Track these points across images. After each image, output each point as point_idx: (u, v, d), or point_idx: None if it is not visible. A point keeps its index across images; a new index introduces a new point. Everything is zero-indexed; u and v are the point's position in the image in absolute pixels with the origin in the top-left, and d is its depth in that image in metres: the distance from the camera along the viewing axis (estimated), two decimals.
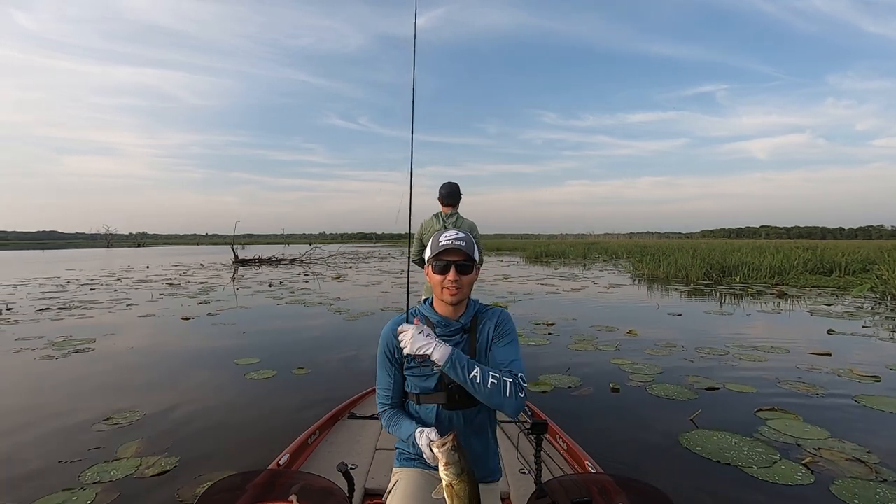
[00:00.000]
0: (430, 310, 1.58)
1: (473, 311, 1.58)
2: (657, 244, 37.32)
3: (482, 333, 1.54)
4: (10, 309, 9.11)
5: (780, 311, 8.85)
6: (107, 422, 3.46)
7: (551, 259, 28.84)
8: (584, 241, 55.37)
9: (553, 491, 1.38)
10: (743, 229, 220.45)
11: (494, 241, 63.15)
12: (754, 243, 35.33)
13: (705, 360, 5.16)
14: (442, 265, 1.48)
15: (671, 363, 5.05)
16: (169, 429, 3.35)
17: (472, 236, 1.75)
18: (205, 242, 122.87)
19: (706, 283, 14.09)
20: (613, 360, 5.19)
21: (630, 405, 3.85)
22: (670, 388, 4.19)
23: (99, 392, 4.18)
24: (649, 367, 4.89)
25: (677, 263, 16.59)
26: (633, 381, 4.42)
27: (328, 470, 1.93)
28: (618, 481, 1.40)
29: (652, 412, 3.69)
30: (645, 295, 11.54)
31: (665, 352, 5.54)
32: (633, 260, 21.33)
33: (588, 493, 1.37)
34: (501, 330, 1.54)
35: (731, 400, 3.95)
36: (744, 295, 11.21)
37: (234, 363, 5.11)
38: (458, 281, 1.48)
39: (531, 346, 5.90)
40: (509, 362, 1.47)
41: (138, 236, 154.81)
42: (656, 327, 7.17)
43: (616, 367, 4.94)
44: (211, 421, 3.52)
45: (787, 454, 2.96)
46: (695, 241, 51.42)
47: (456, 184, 3.71)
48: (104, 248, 72.69)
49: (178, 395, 4.08)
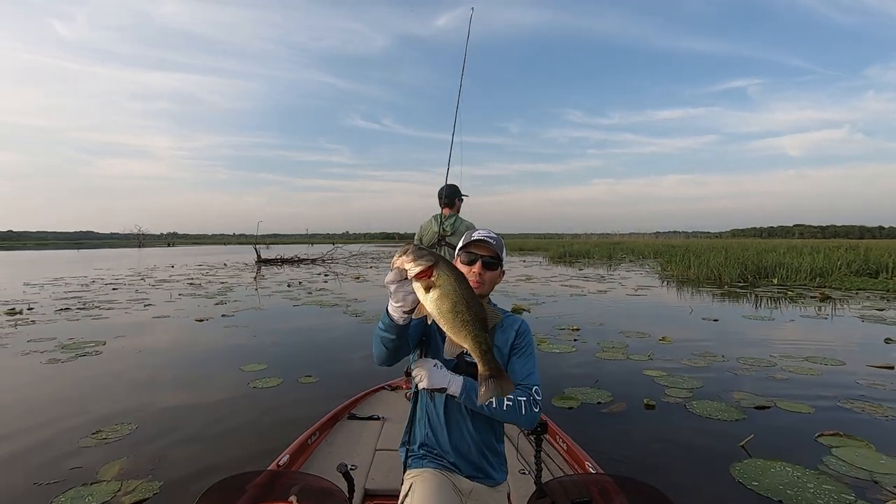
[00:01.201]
0: None
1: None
2: (685, 244, 36.14)
3: (500, 339, 1.53)
4: (31, 309, 9.14)
5: (826, 316, 8.19)
6: (95, 435, 3.21)
7: (575, 259, 28.14)
8: (609, 240, 54.21)
9: (553, 491, 1.37)
10: (775, 228, 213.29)
11: (517, 241, 62.42)
12: (789, 243, 33.86)
13: (750, 373, 4.66)
14: (471, 257, 1.51)
15: (711, 376, 4.58)
16: (158, 446, 3.08)
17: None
18: (232, 242, 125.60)
19: (741, 284, 13.35)
20: (646, 370, 4.74)
21: (668, 426, 3.42)
22: (713, 407, 3.73)
23: (95, 400, 3.96)
24: (687, 379, 4.43)
25: (709, 264, 15.84)
26: (669, 397, 3.98)
27: (328, 470, 1.92)
28: (617, 482, 1.39)
29: (695, 435, 3.26)
30: (676, 297, 10.95)
31: (703, 362, 5.06)
32: (662, 260, 20.58)
33: (588, 493, 1.36)
34: (522, 342, 1.55)
35: (786, 422, 3.48)
36: (783, 298, 10.52)
37: (241, 369, 4.85)
38: (482, 276, 1.50)
39: (555, 353, 5.49)
40: (526, 375, 1.49)
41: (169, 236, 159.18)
42: (691, 333, 6.66)
43: (649, 379, 4.50)
44: (203, 437, 3.24)
45: (864, 494, 2.50)
46: (725, 240, 49.75)
47: (455, 186, 3.69)
48: (136, 247, 74.77)
49: (176, 406, 3.83)
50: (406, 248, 1.14)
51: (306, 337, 6.71)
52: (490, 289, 1.55)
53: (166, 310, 9.04)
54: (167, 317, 8.25)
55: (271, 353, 5.62)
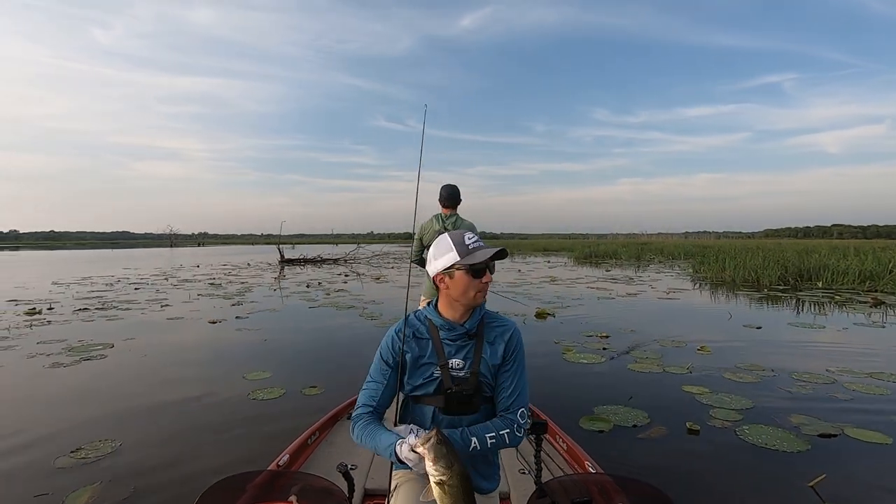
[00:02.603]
0: (435, 313, 1.56)
1: (479, 315, 1.55)
2: (718, 244, 34.81)
3: (490, 345, 1.53)
4: (50, 308, 9.15)
5: (882, 323, 7.46)
6: (74, 454, 2.93)
7: (601, 260, 27.32)
8: (637, 240, 52.76)
9: (553, 491, 1.36)
10: (812, 228, 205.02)
11: (541, 241, 61.49)
12: (830, 243, 32.23)
13: (807, 391, 4.12)
14: (481, 268, 1.46)
15: (762, 394, 4.05)
16: (137, 469, 2.77)
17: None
18: (259, 242, 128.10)
19: (781, 288, 12.52)
20: (686, 386, 4.25)
21: (718, 457, 2.94)
22: (769, 433, 3.23)
23: (83, 412, 3.70)
24: (734, 398, 3.92)
25: (746, 265, 14.99)
26: (715, 419, 3.49)
27: (328, 470, 1.91)
28: (618, 481, 1.38)
29: (751, 471, 2.77)
30: (711, 301, 10.27)
31: (751, 377, 4.52)
32: (694, 261, 19.68)
33: (588, 493, 1.36)
34: (514, 355, 1.53)
35: (861, 454, 2.96)
36: (830, 303, 9.73)
37: (244, 377, 4.56)
38: (489, 284, 1.49)
39: (582, 363, 5.03)
40: (515, 397, 1.49)
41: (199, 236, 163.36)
42: (733, 343, 6.08)
43: (690, 397, 4.01)
44: (187, 458, 2.91)
45: None
46: (758, 240, 47.84)
47: (455, 186, 3.80)
48: (168, 247, 76.75)
49: (165, 420, 3.53)
50: (430, 443, 1.17)
51: (317, 342, 6.41)
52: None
53: (182, 310, 8.91)
54: (181, 318, 8.09)
55: (279, 359, 5.33)
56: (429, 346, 1.55)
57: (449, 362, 1.51)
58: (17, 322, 7.66)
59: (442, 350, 1.53)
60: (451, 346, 1.52)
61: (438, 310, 1.57)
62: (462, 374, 1.50)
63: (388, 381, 1.55)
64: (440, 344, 1.54)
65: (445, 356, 1.52)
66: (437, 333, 1.54)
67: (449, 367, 1.50)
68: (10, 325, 7.33)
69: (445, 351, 1.53)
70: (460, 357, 1.52)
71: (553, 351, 5.60)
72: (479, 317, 1.55)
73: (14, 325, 7.34)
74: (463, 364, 1.51)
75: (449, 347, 1.52)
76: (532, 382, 1.61)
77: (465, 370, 1.50)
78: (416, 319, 1.61)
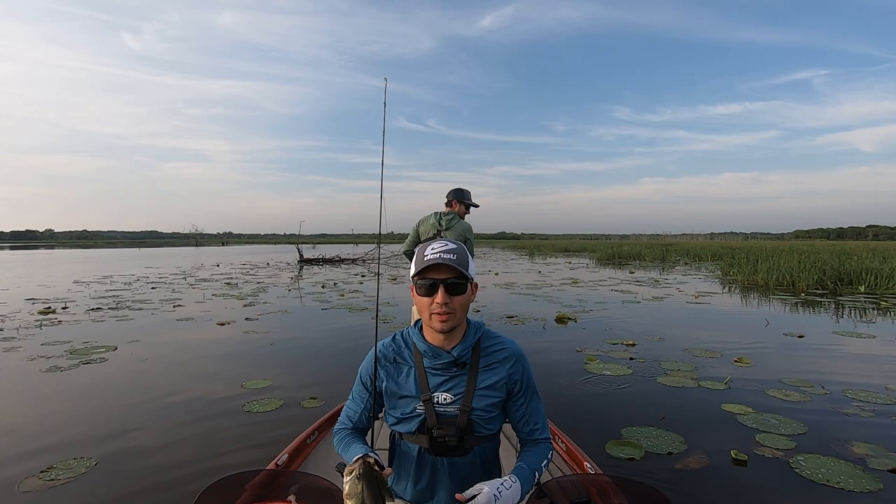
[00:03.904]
0: (419, 335, 1.32)
1: (473, 339, 1.31)
2: (746, 245, 33.63)
3: (488, 374, 1.31)
4: (65, 308, 9.11)
5: None
6: (43, 474, 2.66)
7: (624, 261, 26.56)
8: (660, 241, 51.43)
9: (552, 491, 1.32)
10: (845, 229, 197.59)
11: (562, 242, 60.61)
12: (867, 245, 30.80)
13: (866, 414, 3.62)
14: (428, 284, 1.23)
15: (814, 416, 3.57)
16: (108, 494, 2.49)
17: (466, 240, 1.45)
18: (281, 241, 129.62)
19: (819, 292, 11.78)
20: (725, 405, 3.79)
21: (772, 495, 2.51)
22: (830, 466, 2.77)
23: (65, 424, 3.44)
24: (783, 421, 3.45)
25: (780, 268, 14.22)
26: (764, 447, 3.04)
27: (327, 470, 1.89)
28: (617, 482, 1.36)
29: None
30: (744, 306, 9.66)
31: (798, 395, 4.04)
32: (722, 263, 18.87)
33: (587, 493, 1.34)
34: (522, 385, 1.36)
35: None
36: (875, 309, 9.04)
37: (242, 386, 4.28)
38: (450, 304, 1.23)
39: (607, 376, 4.60)
40: (539, 427, 1.38)
41: (224, 235, 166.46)
42: (773, 353, 5.57)
43: (731, 417, 3.56)
44: (161, 484, 2.62)
45: None
46: (790, 242, 46.09)
47: (462, 189, 3.84)
48: (193, 246, 78.26)
49: (147, 436, 3.24)
50: (351, 475, 1.03)
51: (325, 347, 6.11)
52: (463, 314, 1.29)
53: (193, 311, 8.76)
54: (191, 319, 7.92)
55: (282, 365, 5.05)
56: (411, 375, 1.33)
57: (433, 396, 1.30)
58: (28, 321, 7.60)
59: (426, 381, 1.31)
60: (437, 377, 1.30)
61: (423, 332, 1.33)
62: (450, 411, 1.29)
63: (366, 405, 1.40)
64: (424, 374, 1.31)
65: (430, 389, 1.30)
66: (422, 361, 1.31)
67: (434, 402, 1.29)
68: (21, 325, 7.26)
69: (430, 382, 1.31)
70: (448, 390, 1.30)
71: (575, 360, 5.18)
72: (472, 341, 1.31)
73: (24, 325, 7.27)
74: (452, 399, 1.30)
75: (435, 378, 1.30)
76: (552, 397, 1.32)
77: (455, 405, 1.30)
78: (401, 340, 1.39)
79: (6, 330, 6.91)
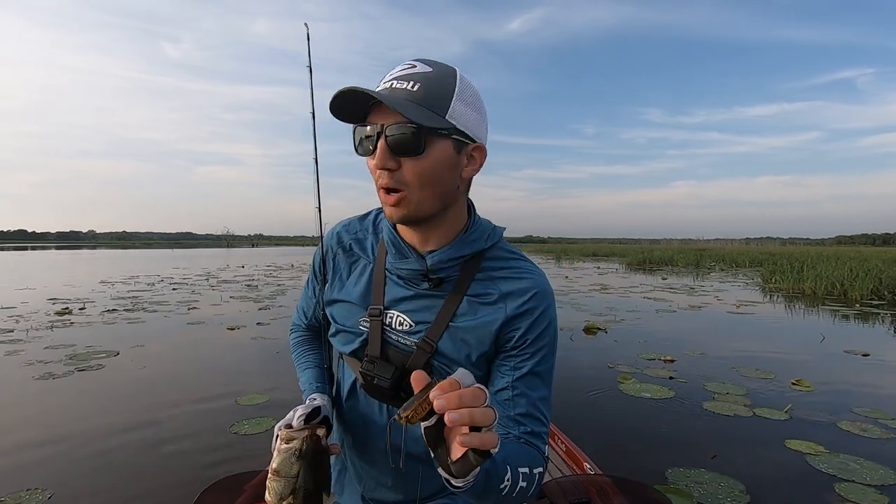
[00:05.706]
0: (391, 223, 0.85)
1: (469, 248, 0.83)
2: (787, 251, 31.94)
3: (480, 311, 0.82)
4: (82, 308, 9.02)
5: None
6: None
7: (656, 267, 25.49)
8: (693, 246, 49.66)
9: (551, 492, 1.31)
10: (892, 235, 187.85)
11: (590, 246, 59.23)
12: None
13: None
14: (364, 135, 0.75)
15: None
16: None
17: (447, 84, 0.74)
18: (309, 244, 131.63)
19: (876, 303, 10.79)
20: (790, 441, 3.19)
21: None
22: None
23: (34, 445, 3.08)
24: (867, 466, 2.84)
25: (829, 275, 13.19)
26: (847, 501, 2.46)
27: None
28: (616, 482, 1.36)
29: None
30: (792, 318, 8.85)
31: (879, 431, 3.38)
32: (763, 270, 17.77)
33: (586, 494, 1.31)
34: (534, 333, 0.85)
35: None
36: None
37: (235, 402, 3.91)
38: (397, 172, 0.73)
39: (645, 399, 4.04)
40: (535, 411, 0.81)
41: (255, 237, 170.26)
42: (837, 375, 4.88)
43: (799, 457, 2.96)
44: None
45: None
46: (833, 248, 43.70)
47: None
48: (224, 247, 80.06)
49: (119, 464, 2.86)
50: (286, 445, 0.74)
51: None
52: (437, 199, 0.76)
53: (207, 314, 8.53)
54: (202, 323, 7.67)
55: (283, 378, 4.65)
56: (365, 275, 0.91)
57: (387, 314, 0.86)
58: (41, 323, 7.48)
59: (381, 288, 0.88)
60: (399, 288, 0.86)
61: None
62: (406, 344, 0.85)
63: (318, 298, 1.00)
64: (382, 277, 0.88)
65: (384, 299, 0.87)
66: (384, 258, 0.88)
67: (385, 322, 0.86)
68: (31, 327, 7.13)
69: (387, 292, 0.87)
70: (410, 312, 0.85)
71: (606, 378, 4.63)
72: (465, 251, 0.83)
73: (35, 327, 7.14)
74: (411, 326, 0.84)
75: (396, 289, 0.87)
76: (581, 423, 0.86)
77: (413, 337, 0.84)
78: (370, 223, 0.96)
79: (17, 332, 6.78)
